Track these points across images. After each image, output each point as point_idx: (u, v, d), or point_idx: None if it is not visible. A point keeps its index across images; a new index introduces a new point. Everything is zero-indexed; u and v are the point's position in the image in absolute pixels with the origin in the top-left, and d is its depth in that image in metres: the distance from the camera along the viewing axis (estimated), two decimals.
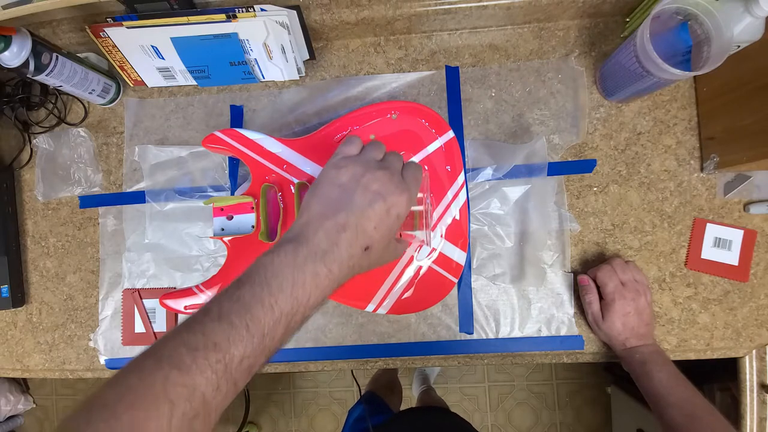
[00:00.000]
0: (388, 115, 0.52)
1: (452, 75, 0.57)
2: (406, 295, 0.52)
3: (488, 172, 0.54)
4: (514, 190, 0.54)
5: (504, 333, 0.54)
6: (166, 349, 0.24)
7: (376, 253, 0.33)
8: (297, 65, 0.55)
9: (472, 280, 0.54)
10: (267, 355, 0.27)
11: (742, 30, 0.41)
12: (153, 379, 0.22)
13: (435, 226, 0.52)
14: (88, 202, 0.60)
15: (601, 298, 0.51)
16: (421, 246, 0.51)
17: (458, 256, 0.52)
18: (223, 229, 0.54)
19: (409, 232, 0.44)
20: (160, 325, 0.58)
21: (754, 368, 0.54)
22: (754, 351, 0.53)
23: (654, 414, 0.46)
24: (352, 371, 0.65)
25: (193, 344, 0.23)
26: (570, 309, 0.54)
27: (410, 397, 1.39)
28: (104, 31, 0.51)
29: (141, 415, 0.21)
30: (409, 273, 0.52)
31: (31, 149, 0.62)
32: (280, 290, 0.27)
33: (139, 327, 0.58)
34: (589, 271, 0.53)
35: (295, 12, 0.50)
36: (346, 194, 0.31)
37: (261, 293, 0.26)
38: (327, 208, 0.31)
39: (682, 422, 0.42)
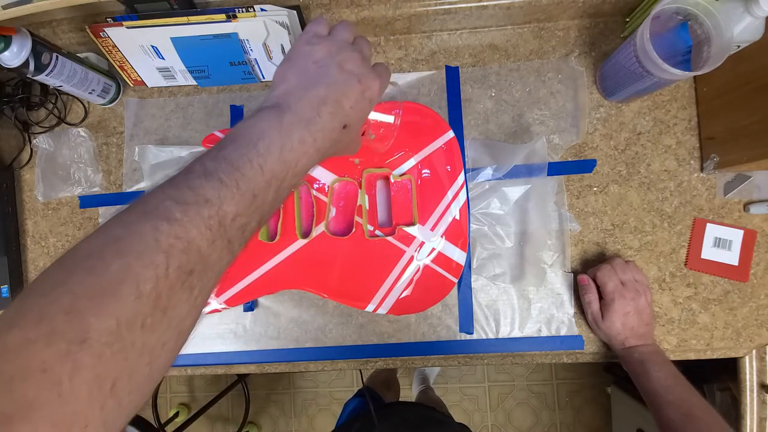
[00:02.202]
0: None
1: (452, 75, 0.57)
2: (406, 294, 0.52)
3: (488, 172, 0.54)
4: (514, 190, 0.54)
5: (504, 333, 0.54)
6: (150, 204, 0.22)
7: (351, 133, 0.32)
8: None
9: (472, 280, 0.54)
10: (259, 218, 0.26)
11: (742, 30, 0.41)
12: (141, 229, 0.20)
13: (435, 226, 0.52)
14: (88, 202, 0.60)
15: (601, 297, 0.51)
16: (417, 242, 0.51)
17: (458, 256, 0.52)
18: None
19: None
20: None
21: (754, 368, 0.54)
22: (754, 351, 0.53)
23: (651, 413, 0.46)
24: (360, 371, 0.65)
25: (182, 198, 0.22)
26: (570, 309, 0.54)
27: (409, 396, 1.39)
28: (104, 31, 0.51)
29: (135, 263, 0.19)
30: (409, 273, 0.52)
31: (31, 149, 0.62)
32: (269, 152, 0.26)
33: None
34: (589, 270, 0.53)
35: (295, 12, 0.50)
36: (323, 70, 0.30)
37: (249, 153, 0.25)
38: (306, 80, 0.30)
39: (680, 421, 0.42)
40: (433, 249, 0.52)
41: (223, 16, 0.49)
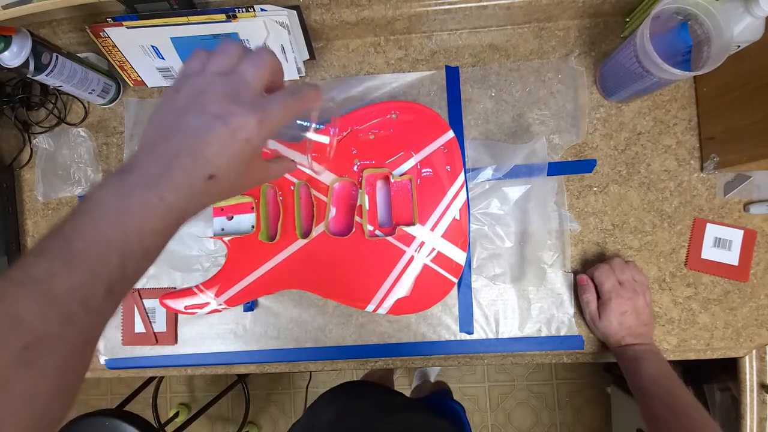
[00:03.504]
0: (388, 116, 0.52)
1: (452, 75, 0.57)
2: (406, 294, 0.52)
3: (488, 172, 0.54)
4: (514, 190, 0.54)
5: (504, 333, 0.54)
6: None
7: (226, 181, 0.29)
8: (297, 65, 0.55)
9: (472, 280, 0.54)
10: (107, 286, 0.25)
11: (742, 30, 0.41)
12: None
13: (435, 225, 0.52)
14: None
15: (599, 297, 0.51)
16: (417, 242, 0.51)
17: (458, 256, 0.52)
18: (223, 229, 0.54)
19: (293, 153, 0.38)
20: (160, 325, 0.58)
21: (754, 368, 0.54)
22: (754, 351, 0.53)
23: (640, 409, 0.45)
24: (310, 373, 0.64)
25: (15, 279, 0.23)
26: (570, 309, 0.54)
27: None
28: (104, 31, 0.51)
29: None
30: (409, 273, 0.52)
31: (31, 149, 0.62)
32: (103, 220, 0.25)
33: (139, 327, 0.58)
34: (588, 270, 0.53)
35: (295, 12, 0.50)
36: (181, 117, 0.28)
37: (83, 224, 0.25)
38: (161, 132, 0.28)
39: (665, 416, 0.42)
40: (433, 249, 0.52)
41: (223, 16, 0.49)
